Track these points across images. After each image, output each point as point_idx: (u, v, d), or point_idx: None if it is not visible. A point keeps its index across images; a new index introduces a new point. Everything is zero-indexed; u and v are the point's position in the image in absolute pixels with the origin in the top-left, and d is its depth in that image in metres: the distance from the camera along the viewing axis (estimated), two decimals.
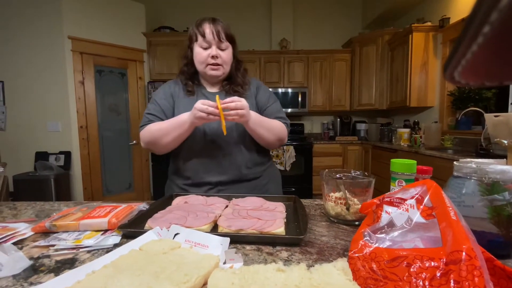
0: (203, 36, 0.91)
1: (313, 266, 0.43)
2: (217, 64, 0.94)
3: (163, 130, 0.89)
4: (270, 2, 3.94)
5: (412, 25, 2.89)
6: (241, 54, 4.08)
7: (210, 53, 0.92)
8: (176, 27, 3.69)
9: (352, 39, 3.76)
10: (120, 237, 0.57)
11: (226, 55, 0.94)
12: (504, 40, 0.13)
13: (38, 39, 2.79)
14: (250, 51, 3.76)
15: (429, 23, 2.90)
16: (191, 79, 1.01)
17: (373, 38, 3.54)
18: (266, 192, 1.00)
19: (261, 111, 1.02)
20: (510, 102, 2.19)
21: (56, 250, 0.51)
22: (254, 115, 0.89)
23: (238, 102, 0.80)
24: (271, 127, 0.95)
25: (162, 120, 0.95)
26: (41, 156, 2.86)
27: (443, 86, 2.85)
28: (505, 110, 2.22)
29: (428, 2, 3.11)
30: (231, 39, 0.95)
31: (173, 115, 0.96)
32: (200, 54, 0.93)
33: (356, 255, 0.42)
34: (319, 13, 4.13)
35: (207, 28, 0.90)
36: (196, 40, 0.93)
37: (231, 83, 1.01)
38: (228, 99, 0.80)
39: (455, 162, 0.51)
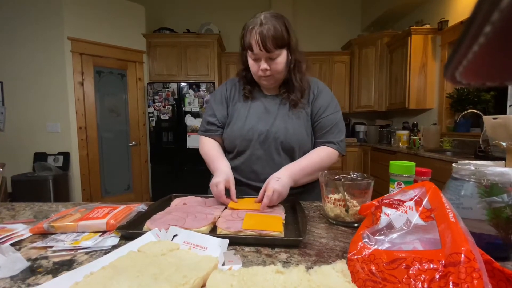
0: (251, 50, 0.82)
1: (312, 268, 0.43)
2: (268, 76, 0.86)
3: (207, 161, 0.95)
4: (269, 4, 3.95)
5: (411, 27, 2.90)
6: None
7: (260, 67, 0.84)
8: (176, 29, 3.69)
9: (351, 41, 3.77)
10: (119, 239, 0.56)
11: (277, 65, 0.83)
12: (506, 40, 0.13)
13: (38, 40, 2.79)
14: None
15: (427, 26, 2.91)
16: (250, 83, 0.96)
17: (372, 40, 3.55)
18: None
19: (313, 121, 0.93)
20: (508, 105, 2.19)
21: (54, 251, 0.51)
22: (291, 176, 0.79)
23: (271, 202, 0.71)
24: (316, 168, 0.86)
25: (219, 127, 0.97)
26: (40, 157, 2.85)
27: (442, 88, 2.86)
28: (504, 112, 2.22)
29: (426, 4, 3.13)
30: (282, 44, 0.82)
31: (227, 118, 0.97)
32: (252, 66, 0.86)
33: (355, 257, 0.42)
34: (318, 15, 4.15)
35: (253, 39, 0.80)
36: (247, 50, 0.85)
37: (289, 89, 0.92)
38: (264, 203, 0.70)
39: (454, 164, 0.52)
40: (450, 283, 0.30)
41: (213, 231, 0.60)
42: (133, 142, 3.42)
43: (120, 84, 3.33)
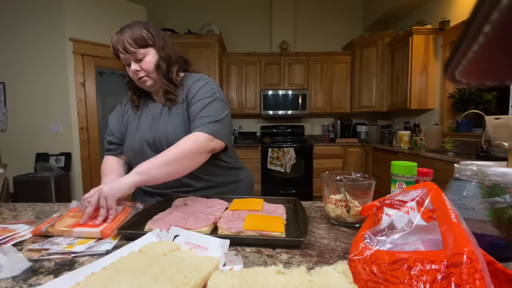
0: (118, 56, 0.85)
1: (313, 268, 0.43)
2: (142, 77, 0.87)
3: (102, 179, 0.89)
4: (270, 4, 3.95)
5: (412, 27, 2.89)
6: (242, 56, 4.02)
7: (131, 69, 0.85)
8: (177, 29, 3.70)
9: (352, 41, 3.77)
10: (113, 244, 0.55)
11: (146, 64, 0.85)
12: (505, 39, 0.13)
13: (40, 41, 2.80)
14: (251, 53, 3.77)
15: (429, 26, 2.90)
16: (137, 93, 0.98)
17: (374, 40, 3.55)
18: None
19: (187, 113, 0.90)
20: (510, 105, 2.18)
21: (49, 254, 0.51)
22: (138, 172, 0.72)
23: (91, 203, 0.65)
24: (172, 157, 0.76)
25: (119, 144, 0.99)
26: (42, 157, 2.86)
27: (444, 88, 2.85)
28: (506, 112, 2.21)
29: (428, 4, 3.12)
30: (145, 43, 0.84)
31: (125, 131, 0.97)
32: (128, 72, 0.89)
33: (357, 257, 0.42)
34: (319, 15, 4.15)
35: (115, 45, 0.83)
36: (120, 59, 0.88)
37: (167, 90, 0.91)
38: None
39: (456, 165, 0.51)
40: (452, 284, 0.30)
41: (214, 231, 0.60)
42: None
43: (122, 85, 3.32)
